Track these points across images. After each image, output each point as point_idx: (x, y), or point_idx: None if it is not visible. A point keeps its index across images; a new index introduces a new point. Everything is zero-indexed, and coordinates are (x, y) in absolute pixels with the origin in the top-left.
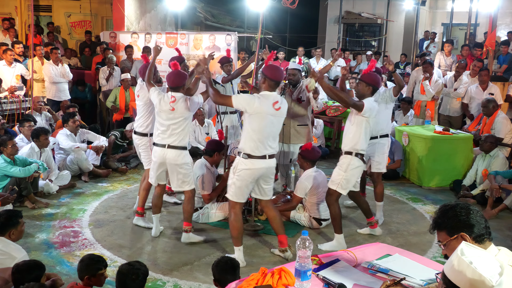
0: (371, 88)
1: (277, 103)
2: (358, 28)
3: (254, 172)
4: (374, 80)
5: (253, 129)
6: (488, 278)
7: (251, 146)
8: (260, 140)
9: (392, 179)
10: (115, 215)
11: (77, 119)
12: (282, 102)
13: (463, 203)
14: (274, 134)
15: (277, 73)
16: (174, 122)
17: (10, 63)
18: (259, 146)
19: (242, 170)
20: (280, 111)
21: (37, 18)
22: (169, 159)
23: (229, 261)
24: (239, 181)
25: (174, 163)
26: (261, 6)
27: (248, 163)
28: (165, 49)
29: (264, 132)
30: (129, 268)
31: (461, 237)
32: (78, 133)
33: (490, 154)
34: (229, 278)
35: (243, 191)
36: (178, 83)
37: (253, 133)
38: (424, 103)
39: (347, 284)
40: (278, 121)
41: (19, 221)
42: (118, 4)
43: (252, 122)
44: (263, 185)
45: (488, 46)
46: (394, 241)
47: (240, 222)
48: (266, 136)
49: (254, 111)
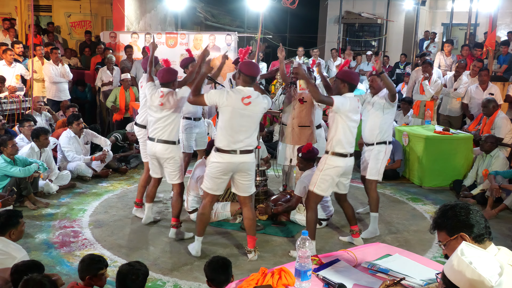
0: (347, 85)
1: (248, 98)
2: (358, 28)
3: (224, 166)
4: (349, 77)
5: (223, 123)
6: (487, 278)
7: (221, 140)
8: (230, 135)
9: (392, 179)
10: (115, 215)
11: (82, 122)
12: (256, 98)
13: (463, 203)
14: (247, 129)
15: (252, 68)
16: (162, 116)
17: (10, 63)
18: (229, 141)
19: (213, 163)
20: (250, 107)
21: (37, 18)
22: (157, 153)
23: (221, 260)
24: (210, 173)
25: (162, 156)
26: (261, 6)
27: (217, 156)
28: (165, 49)
29: (234, 127)
30: (129, 268)
31: (461, 237)
32: (82, 135)
33: (490, 154)
34: (222, 277)
35: (214, 183)
36: (168, 79)
37: (223, 127)
38: (423, 103)
39: (347, 284)
40: (249, 116)
41: (19, 221)
42: (118, 4)
43: (222, 116)
44: (239, 180)
45: (488, 46)
46: (394, 241)
47: (207, 214)
48: (236, 131)
49: (222, 105)
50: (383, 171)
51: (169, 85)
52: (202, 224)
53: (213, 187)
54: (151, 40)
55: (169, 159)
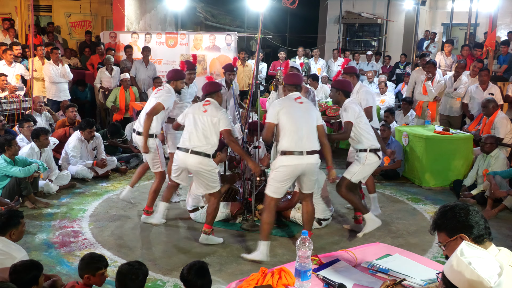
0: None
1: (205, 106)
2: (358, 28)
3: (179, 165)
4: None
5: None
6: (486, 279)
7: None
8: (184, 136)
9: (392, 179)
10: (115, 215)
11: (94, 130)
12: (210, 105)
13: (463, 203)
14: (197, 132)
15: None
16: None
17: (10, 63)
18: (184, 141)
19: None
20: (205, 113)
21: (37, 18)
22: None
23: (198, 264)
24: (173, 167)
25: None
26: (261, 6)
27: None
28: (165, 49)
29: (186, 129)
30: (129, 268)
31: (460, 238)
32: (91, 141)
33: (491, 155)
34: (199, 283)
35: (178, 175)
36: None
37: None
38: (426, 104)
39: (347, 284)
40: (201, 120)
41: (20, 221)
42: (118, 4)
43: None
44: (195, 179)
45: (488, 46)
46: (394, 241)
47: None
48: (189, 132)
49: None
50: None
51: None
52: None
53: (177, 177)
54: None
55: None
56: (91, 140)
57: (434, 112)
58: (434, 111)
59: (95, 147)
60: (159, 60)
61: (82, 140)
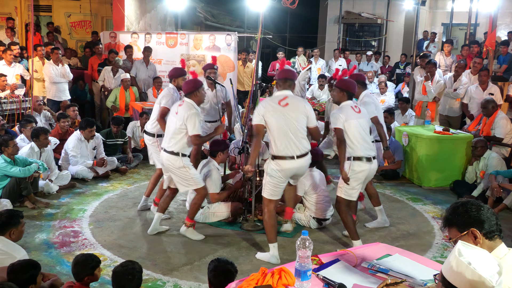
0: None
1: (179, 107)
2: (358, 28)
3: (163, 163)
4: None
5: None
6: (488, 278)
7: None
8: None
9: (392, 179)
10: (115, 215)
11: (94, 129)
12: (183, 105)
13: (473, 200)
14: (171, 131)
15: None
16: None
17: (10, 63)
18: (164, 140)
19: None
20: (177, 114)
21: (37, 18)
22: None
23: (225, 266)
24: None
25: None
26: (261, 6)
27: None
28: (165, 49)
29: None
30: (124, 269)
31: (472, 232)
32: (91, 140)
33: (484, 157)
34: (225, 283)
35: (167, 177)
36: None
37: None
38: (425, 104)
39: (347, 284)
40: (172, 121)
41: (20, 221)
42: (118, 4)
43: None
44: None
45: (488, 46)
46: (394, 241)
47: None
48: (166, 132)
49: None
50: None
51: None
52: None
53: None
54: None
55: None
56: (91, 139)
57: (433, 112)
58: (434, 111)
59: (95, 147)
60: (159, 60)
61: (82, 139)
